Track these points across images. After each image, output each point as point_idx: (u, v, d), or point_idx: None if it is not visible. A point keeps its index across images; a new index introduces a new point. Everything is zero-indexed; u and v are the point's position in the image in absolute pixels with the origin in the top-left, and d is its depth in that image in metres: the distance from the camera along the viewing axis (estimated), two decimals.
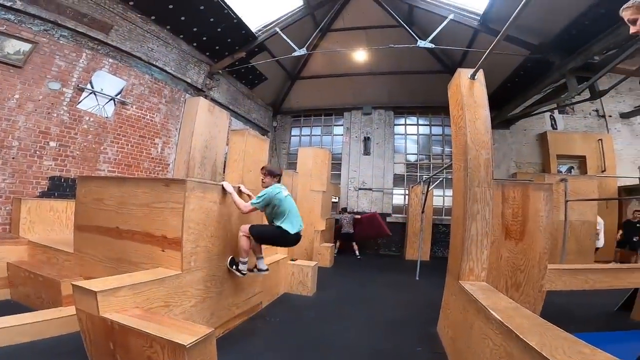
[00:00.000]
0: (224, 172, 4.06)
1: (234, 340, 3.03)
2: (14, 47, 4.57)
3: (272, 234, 3.18)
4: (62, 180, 5.13)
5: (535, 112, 8.80)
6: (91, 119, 5.48)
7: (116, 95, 5.84)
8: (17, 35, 4.57)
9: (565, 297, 4.13)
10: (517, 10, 2.29)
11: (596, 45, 5.80)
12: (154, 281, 2.27)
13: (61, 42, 5.08)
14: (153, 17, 6.48)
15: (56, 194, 5.00)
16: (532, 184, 3.63)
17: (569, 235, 6.04)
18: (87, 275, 2.99)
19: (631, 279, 3.63)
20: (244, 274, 3.20)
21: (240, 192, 3.30)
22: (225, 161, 4.09)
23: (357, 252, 8.81)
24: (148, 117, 6.48)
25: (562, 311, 4.13)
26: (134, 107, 6.21)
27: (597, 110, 9.75)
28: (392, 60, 10.12)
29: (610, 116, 9.61)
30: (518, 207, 3.39)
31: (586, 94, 6.76)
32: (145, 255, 2.70)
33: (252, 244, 3.21)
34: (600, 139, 9.05)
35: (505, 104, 9.28)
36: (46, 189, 4.92)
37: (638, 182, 8.08)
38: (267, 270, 3.39)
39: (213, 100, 8.23)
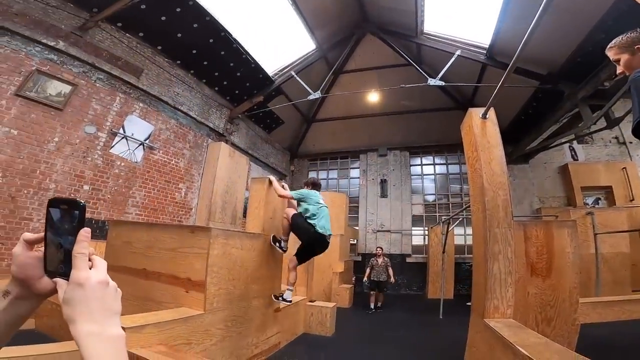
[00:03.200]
0: (244, 216, 4.18)
1: None
2: (55, 88, 4.68)
3: (302, 225, 3.57)
4: (93, 222, 5.38)
5: (553, 144, 8.59)
6: (122, 164, 5.83)
7: (145, 140, 6.17)
8: (58, 76, 4.75)
9: (605, 328, 3.93)
10: (522, 43, 2.35)
11: (603, 71, 5.66)
12: (177, 320, 2.38)
13: (97, 85, 5.36)
14: (179, 62, 6.93)
15: None
16: (554, 222, 3.60)
17: (602, 267, 5.76)
18: None
19: None
20: (284, 250, 3.69)
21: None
22: (245, 205, 4.23)
23: (376, 304, 6.81)
24: (173, 162, 6.73)
25: (601, 343, 3.89)
26: (161, 152, 6.50)
27: (617, 138, 9.44)
28: (404, 100, 10.32)
29: (631, 142, 9.22)
30: (542, 245, 3.33)
31: (602, 122, 6.54)
32: (170, 295, 2.84)
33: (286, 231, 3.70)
34: (624, 167, 8.72)
35: (521, 138, 9.16)
36: None
37: None
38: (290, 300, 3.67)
39: (233, 144, 8.44)
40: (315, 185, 4.03)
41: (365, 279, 7.02)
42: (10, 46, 4.44)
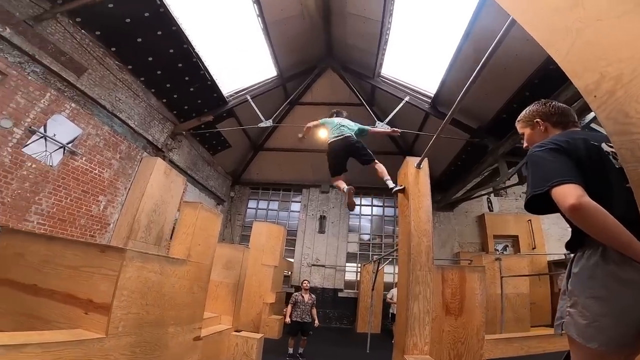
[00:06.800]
0: (170, 238, 3.89)
1: None
2: None
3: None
4: None
5: (474, 195, 9.49)
6: (33, 165, 5.06)
7: (67, 144, 5.46)
8: None
9: None
10: (458, 98, 2.45)
11: None
12: (70, 342, 2.15)
13: (30, 78, 4.83)
14: (130, 67, 6.38)
15: None
16: (467, 267, 4.00)
17: (505, 306, 6.53)
18: None
19: (565, 342, 3.90)
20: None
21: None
22: (173, 228, 3.96)
23: (296, 349, 5.64)
24: (97, 171, 5.96)
25: None
26: (84, 159, 5.73)
27: (526, 193, 10.97)
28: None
29: None
30: (456, 287, 3.67)
31: (515, 178, 7.04)
32: (63, 315, 2.56)
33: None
34: (530, 220, 10.02)
35: (449, 188, 10.01)
36: None
37: (564, 257, 8.91)
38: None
39: (171, 162, 7.77)
40: (338, 113, 4.62)
41: (287, 318, 5.63)
42: None
